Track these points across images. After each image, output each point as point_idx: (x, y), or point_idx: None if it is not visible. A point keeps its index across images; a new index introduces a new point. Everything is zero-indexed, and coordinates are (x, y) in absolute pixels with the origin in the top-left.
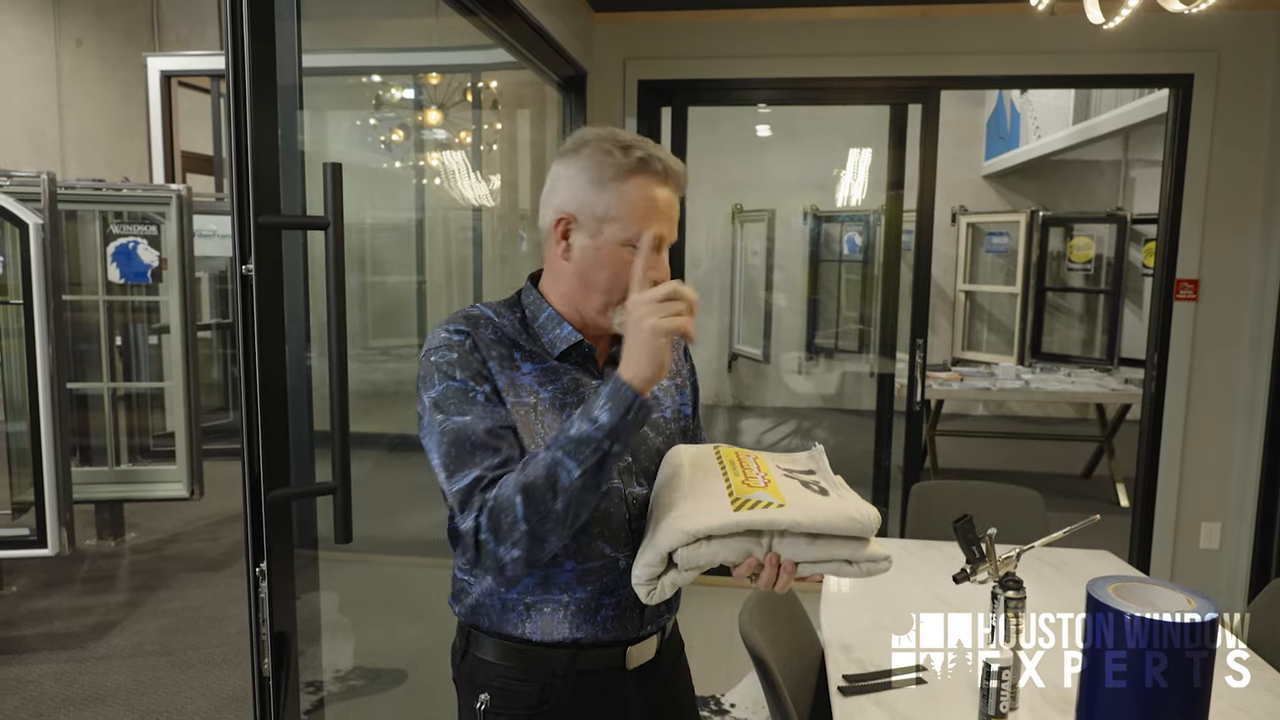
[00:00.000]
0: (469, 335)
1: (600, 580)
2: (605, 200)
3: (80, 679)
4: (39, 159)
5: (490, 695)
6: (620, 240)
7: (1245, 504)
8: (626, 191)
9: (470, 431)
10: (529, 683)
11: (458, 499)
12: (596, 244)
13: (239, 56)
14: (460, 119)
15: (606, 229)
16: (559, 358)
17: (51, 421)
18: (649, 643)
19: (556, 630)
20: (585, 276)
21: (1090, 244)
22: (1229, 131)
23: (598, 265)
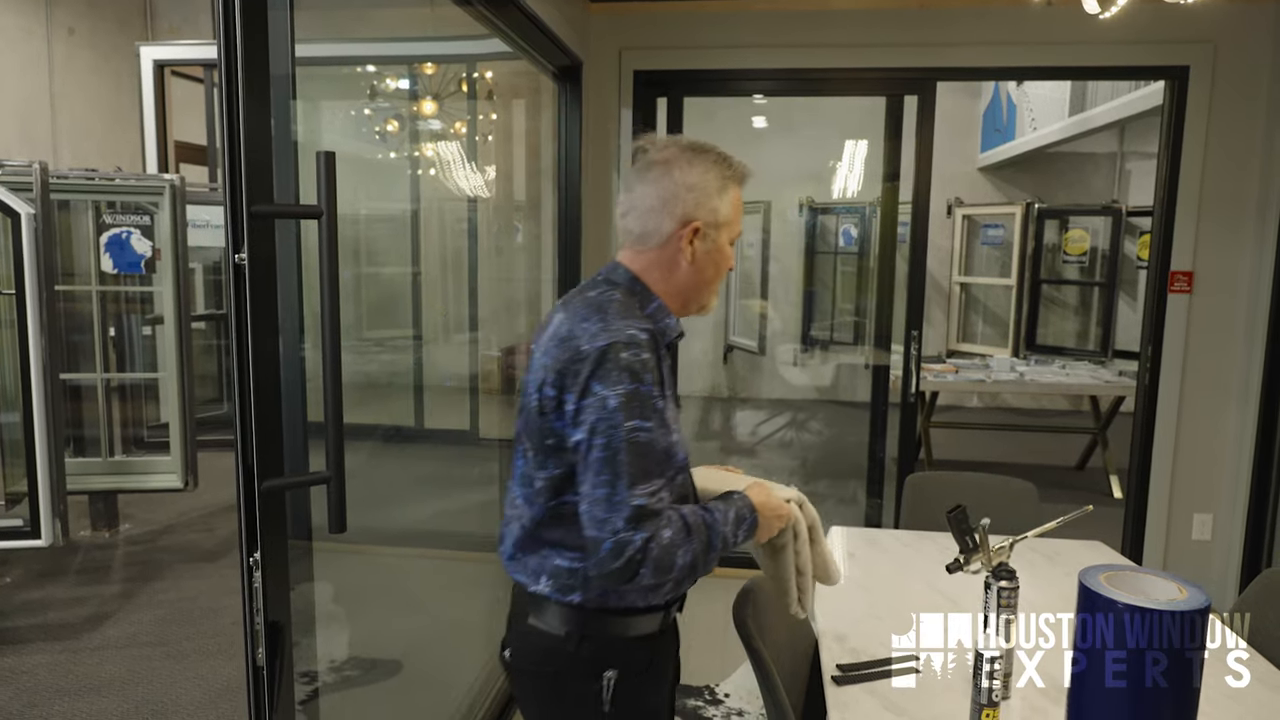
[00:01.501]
0: (651, 335)
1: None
2: (724, 207)
3: (75, 670)
4: (31, 149)
5: (619, 669)
6: (729, 240)
7: (1237, 496)
8: (733, 198)
9: (655, 446)
10: (643, 646)
11: (632, 512)
12: (716, 246)
13: (231, 45)
14: (455, 109)
15: (722, 233)
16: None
17: (45, 412)
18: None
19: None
20: (703, 274)
21: (1085, 236)
22: (1224, 124)
23: (714, 264)
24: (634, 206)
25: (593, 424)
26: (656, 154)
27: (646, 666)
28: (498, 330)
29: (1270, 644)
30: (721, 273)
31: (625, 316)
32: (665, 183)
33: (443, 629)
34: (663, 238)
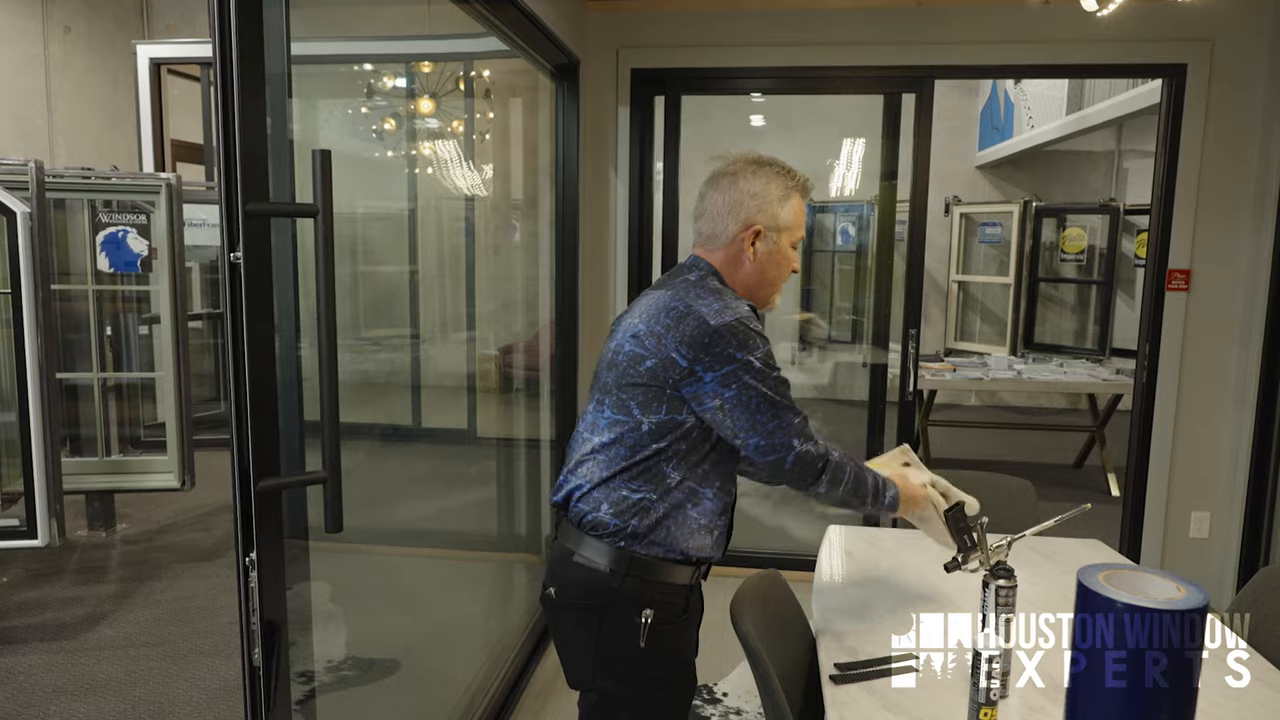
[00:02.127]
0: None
1: (729, 513)
2: (784, 214)
3: (71, 670)
4: (27, 147)
5: (654, 610)
6: (790, 243)
7: (1235, 493)
8: (795, 206)
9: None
10: (677, 594)
11: (800, 428)
12: (776, 248)
13: (226, 43)
14: (452, 108)
15: (783, 237)
16: None
17: (41, 412)
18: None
19: (709, 549)
20: (764, 274)
21: (1083, 234)
22: (1221, 122)
23: (775, 264)
24: (705, 211)
25: (744, 381)
26: (726, 166)
27: (681, 613)
28: (495, 329)
29: (1269, 641)
30: (784, 272)
31: (736, 299)
32: (732, 191)
33: (441, 628)
34: (728, 238)
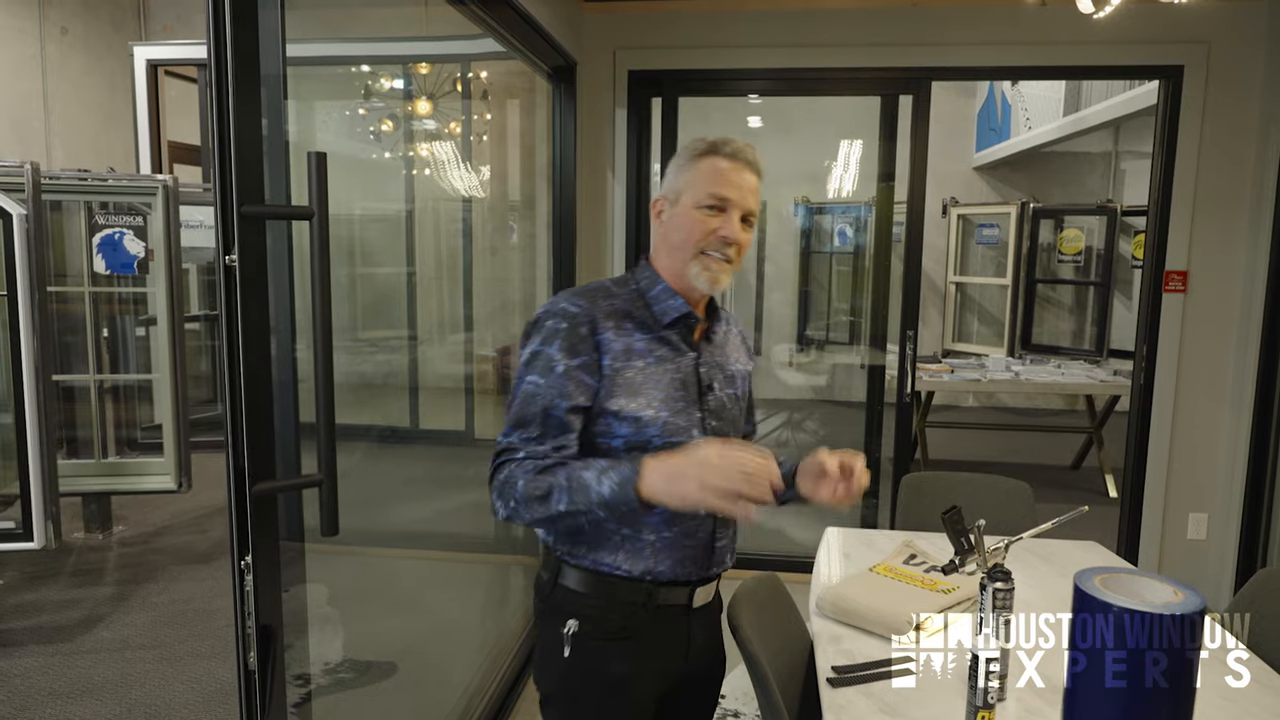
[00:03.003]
0: (586, 307)
1: (685, 524)
2: (685, 178)
3: (68, 672)
4: (24, 149)
5: (579, 622)
6: (693, 204)
7: (1232, 495)
8: (699, 167)
9: (537, 399)
10: (613, 611)
11: (500, 446)
12: (677, 212)
13: (221, 45)
14: (450, 109)
15: (684, 198)
16: (666, 326)
17: (37, 414)
18: (710, 586)
19: (641, 563)
20: (669, 239)
21: (1080, 236)
22: (1218, 123)
23: (678, 227)
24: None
25: (519, 374)
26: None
27: (617, 633)
28: (492, 330)
29: (1266, 643)
30: (692, 234)
31: (583, 295)
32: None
33: (438, 630)
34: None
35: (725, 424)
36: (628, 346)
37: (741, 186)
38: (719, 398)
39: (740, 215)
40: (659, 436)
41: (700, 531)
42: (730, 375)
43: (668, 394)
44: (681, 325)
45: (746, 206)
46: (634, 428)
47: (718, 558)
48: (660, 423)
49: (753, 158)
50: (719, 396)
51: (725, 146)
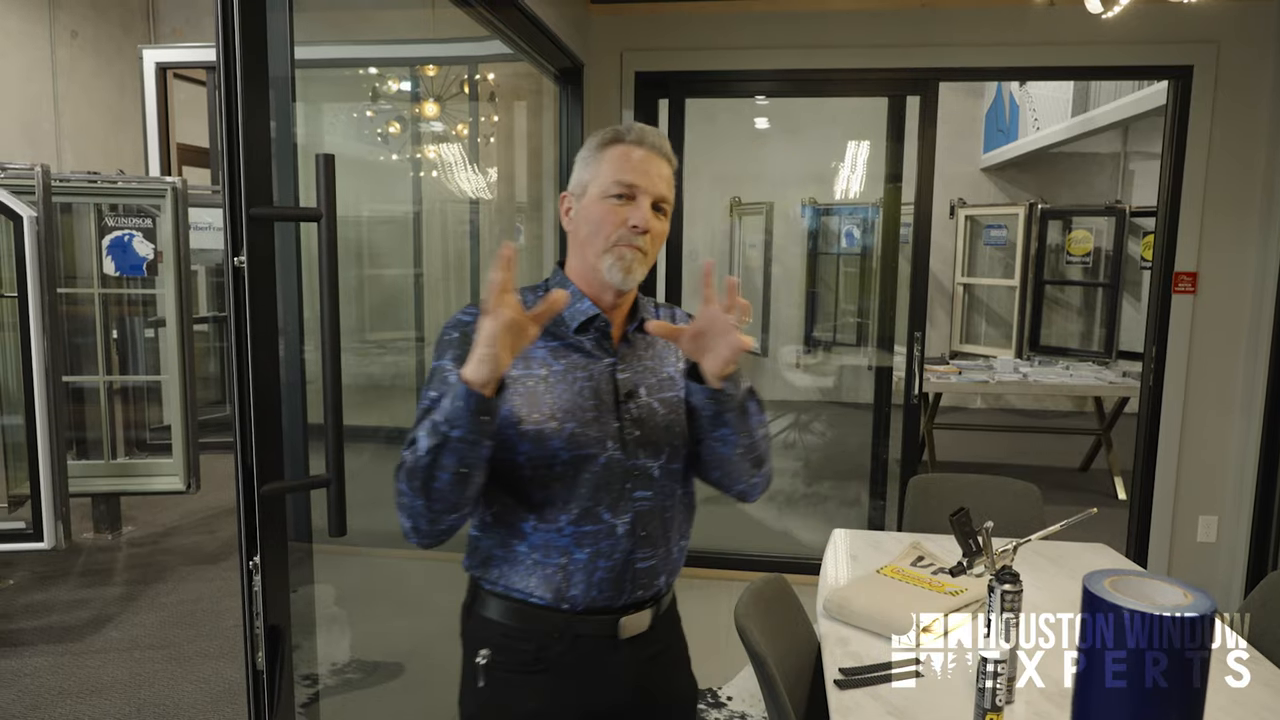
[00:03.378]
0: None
1: (596, 544)
2: (590, 171)
3: (77, 672)
4: (34, 152)
5: (491, 651)
6: (600, 195)
7: (1243, 497)
8: (604, 157)
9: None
10: (527, 640)
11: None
12: (584, 205)
13: (230, 48)
14: (457, 111)
15: (591, 189)
16: (577, 331)
17: (47, 415)
18: (642, 615)
19: (552, 588)
20: (578, 235)
21: (1089, 237)
22: (1228, 124)
23: (585, 220)
24: None
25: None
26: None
27: (530, 665)
28: None
29: (1276, 647)
30: (601, 228)
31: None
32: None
33: (445, 631)
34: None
35: (653, 432)
36: (524, 355)
37: (650, 173)
38: (644, 405)
39: (651, 202)
40: (564, 450)
41: (616, 552)
42: (665, 379)
43: (574, 404)
44: (595, 330)
45: (657, 193)
46: (535, 442)
47: (642, 580)
48: (565, 435)
49: (660, 143)
50: (644, 404)
51: (630, 133)
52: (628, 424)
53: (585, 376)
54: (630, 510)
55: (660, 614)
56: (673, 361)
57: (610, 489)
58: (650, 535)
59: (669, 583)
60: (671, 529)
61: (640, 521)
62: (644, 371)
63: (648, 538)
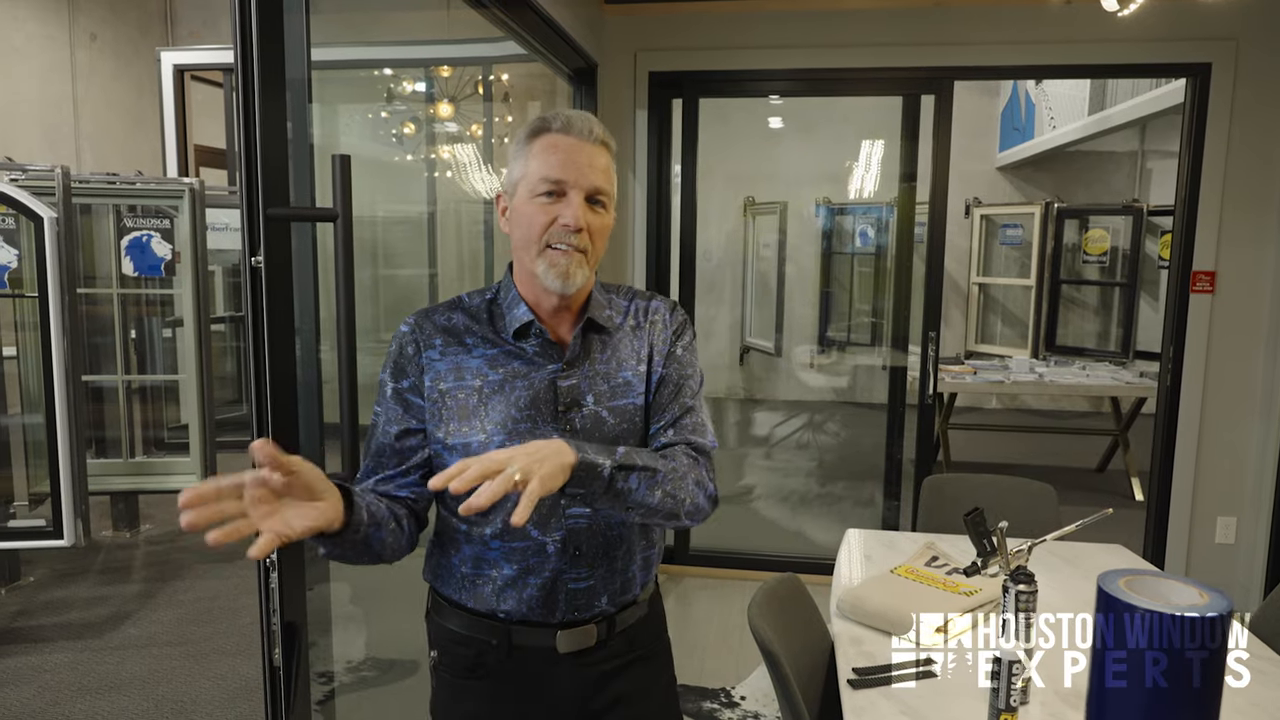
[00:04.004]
0: (413, 326)
1: (525, 560)
2: (519, 166)
3: (96, 668)
4: (54, 153)
5: (438, 653)
6: (529, 193)
7: (1262, 498)
8: (532, 150)
9: (375, 432)
10: (467, 647)
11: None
12: (515, 205)
13: (247, 50)
14: (471, 112)
15: (520, 188)
16: (515, 336)
17: (67, 414)
18: (584, 630)
19: (486, 602)
20: (514, 238)
21: (1106, 236)
22: (1247, 121)
23: (518, 223)
24: None
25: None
26: None
27: (471, 670)
28: None
29: None
30: (533, 229)
31: (423, 311)
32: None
33: None
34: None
35: (606, 440)
36: (457, 365)
37: (580, 163)
38: (589, 415)
39: (585, 195)
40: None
41: (545, 570)
42: (619, 385)
43: (507, 415)
44: (534, 335)
45: (590, 185)
46: (463, 456)
47: (578, 601)
48: (492, 448)
49: (589, 128)
50: (590, 414)
51: (556, 121)
52: (567, 437)
53: (524, 385)
54: (561, 528)
55: (615, 632)
56: (632, 364)
57: (539, 506)
58: (586, 554)
59: (617, 604)
60: (617, 549)
61: (573, 541)
62: (594, 377)
63: (582, 557)
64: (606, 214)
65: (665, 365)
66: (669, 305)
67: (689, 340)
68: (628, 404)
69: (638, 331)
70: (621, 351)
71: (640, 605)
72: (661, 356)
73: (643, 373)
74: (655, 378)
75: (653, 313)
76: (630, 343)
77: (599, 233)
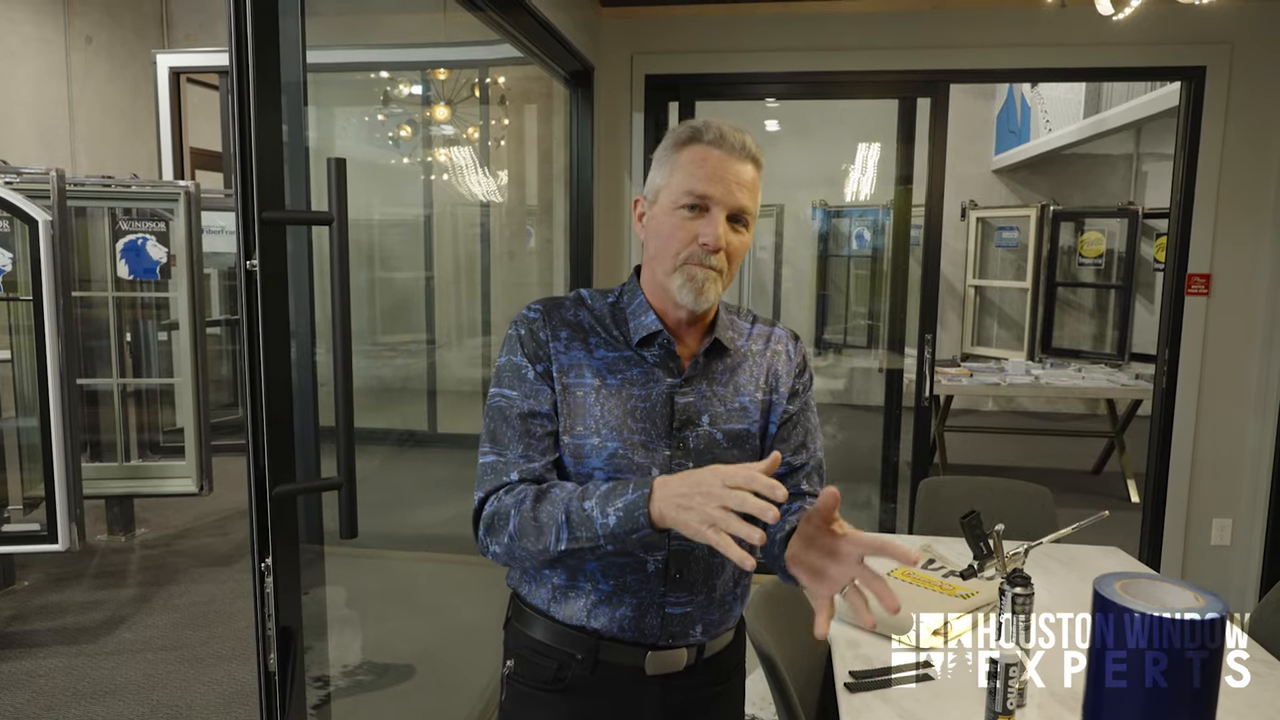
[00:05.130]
0: (542, 314)
1: (623, 577)
2: (663, 174)
3: (90, 673)
4: (49, 156)
5: (515, 662)
6: (671, 205)
7: (1257, 500)
8: (679, 160)
9: (510, 410)
10: (549, 658)
11: (480, 471)
12: (655, 214)
13: (243, 53)
14: (468, 114)
15: (662, 197)
16: (639, 344)
17: (62, 417)
18: (675, 653)
19: (576, 616)
20: (649, 247)
21: (1101, 238)
22: (1242, 124)
23: (655, 233)
24: None
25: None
26: None
27: (550, 683)
28: None
29: None
30: (673, 241)
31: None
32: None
33: (456, 634)
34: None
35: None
36: (577, 362)
37: (726, 180)
38: (703, 435)
39: (727, 214)
40: (602, 470)
41: (643, 590)
42: (735, 409)
43: (622, 422)
44: (659, 345)
45: (735, 204)
46: (572, 455)
47: (673, 626)
48: (606, 454)
49: (742, 142)
50: (704, 434)
51: (708, 132)
52: (679, 454)
53: (641, 395)
54: (664, 549)
55: (704, 658)
56: (750, 390)
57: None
58: (687, 580)
59: (711, 634)
60: (717, 576)
61: (676, 563)
62: (711, 398)
63: (683, 582)
64: (747, 233)
65: (790, 402)
66: (790, 336)
67: (809, 379)
68: (742, 429)
69: (759, 358)
70: (740, 376)
71: (729, 631)
72: (786, 390)
73: (759, 400)
74: (777, 412)
75: (775, 341)
76: (750, 368)
77: (737, 253)
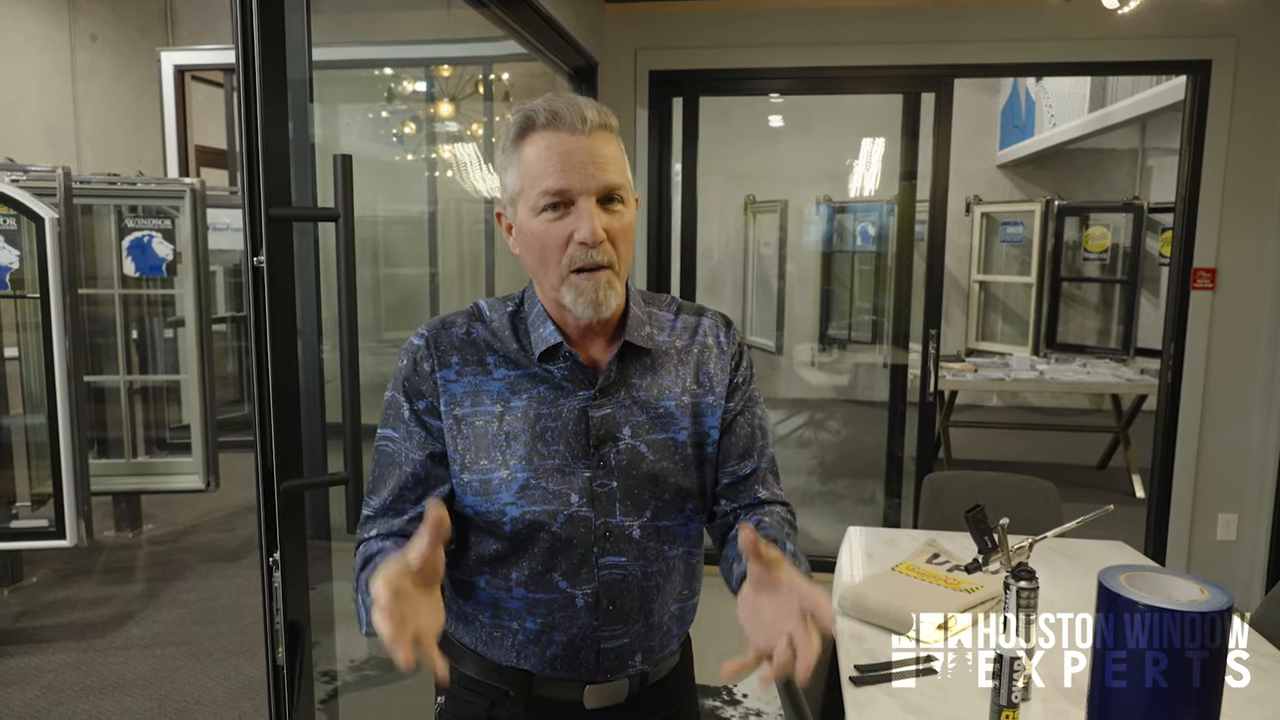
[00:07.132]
0: (427, 340)
1: (550, 615)
2: (512, 177)
3: (99, 669)
4: (55, 154)
5: (445, 699)
6: (531, 210)
7: (1263, 495)
8: (522, 157)
9: (390, 455)
10: (481, 695)
11: (363, 516)
12: (519, 223)
13: (248, 50)
14: (472, 111)
15: (520, 204)
16: (541, 359)
17: (69, 414)
18: (616, 685)
19: (505, 656)
20: (526, 261)
21: (1106, 233)
22: (1247, 118)
23: (527, 245)
24: None
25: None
26: None
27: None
28: None
29: None
30: (544, 253)
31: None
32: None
33: None
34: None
35: (635, 484)
36: (475, 388)
37: (580, 163)
38: (626, 450)
39: (596, 198)
40: (514, 505)
41: (574, 627)
42: (660, 416)
43: (532, 448)
44: (563, 357)
45: (599, 186)
46: (479, 495)
47: (608, 662)
48: (516, 486)
49: (580, 115)
50: (626, 448)
51: (541, 115)
52: (600, 474)
53: (550, 415)
54: (593, 580)
55: (647, 687)
56: (676, 393)
57: (569, 553)
58: (621, 610)
59: (653, 660)
60: (654, 600)
61: (607, 594)
62: (632, 406)
63: (617, 613)
64: (626, 209)
65: (730, 399)
66: (722, 323)
67: (748, 367)
68: (668, 438)
69: (685, 354)
70: (664, 377)
71: (674, 655)
72: (724, 389)
73: (687, 404)
74: (716, 414)
75: (702, 333)
76: (675, 367)
77: (622, 235)
